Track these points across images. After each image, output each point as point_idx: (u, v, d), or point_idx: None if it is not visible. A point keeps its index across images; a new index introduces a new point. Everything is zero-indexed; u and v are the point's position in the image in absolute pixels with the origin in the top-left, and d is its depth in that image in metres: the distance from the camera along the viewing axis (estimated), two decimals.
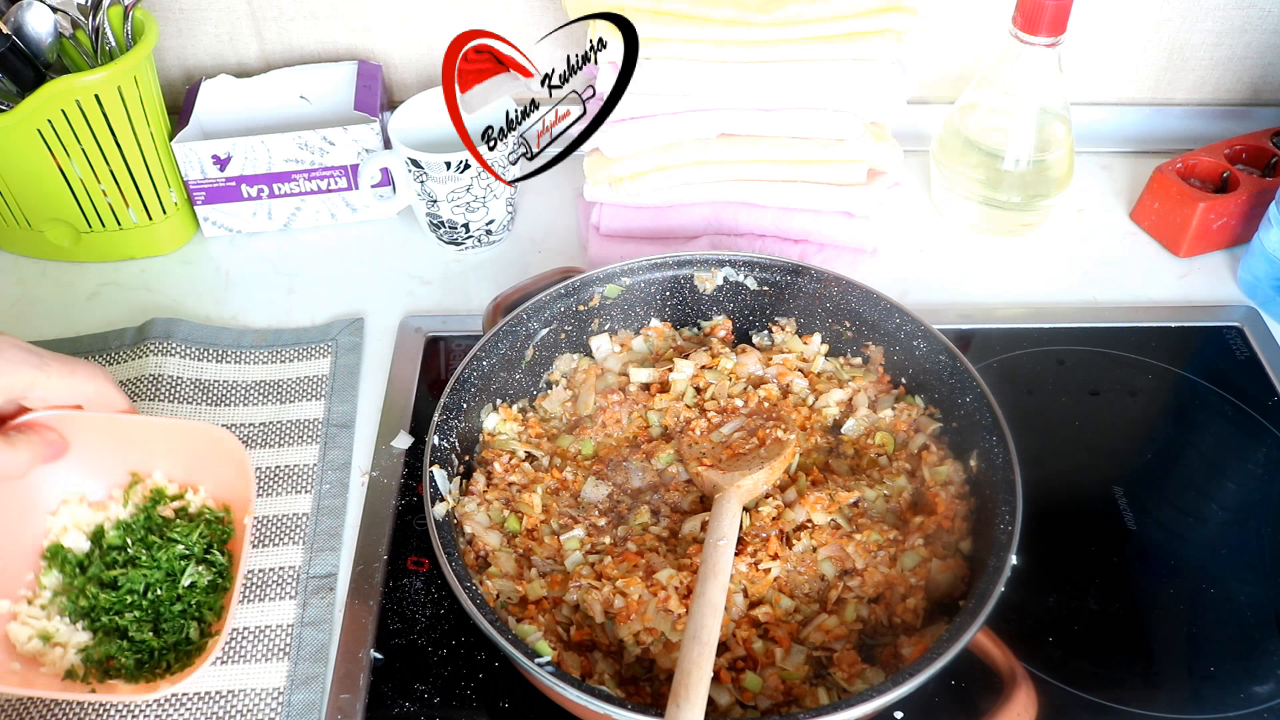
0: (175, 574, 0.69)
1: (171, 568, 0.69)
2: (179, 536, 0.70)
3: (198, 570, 0.69)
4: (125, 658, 0.66)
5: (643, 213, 0.93)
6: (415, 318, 0.91)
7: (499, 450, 0.74)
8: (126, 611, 0.67)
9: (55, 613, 0.68)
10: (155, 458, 0.73)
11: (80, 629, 0.67)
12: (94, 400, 0.67)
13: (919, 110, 1.02)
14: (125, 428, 0.70)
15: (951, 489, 0.70)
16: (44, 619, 0.67)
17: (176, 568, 0.69)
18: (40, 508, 0.71)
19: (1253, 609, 0.71)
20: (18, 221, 0.94)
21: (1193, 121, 1.10)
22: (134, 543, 0.70)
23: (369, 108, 0.96)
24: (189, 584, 0.69)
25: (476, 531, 0.68)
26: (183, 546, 0.70)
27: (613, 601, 0.64)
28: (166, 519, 0.72)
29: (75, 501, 0.72)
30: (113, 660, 0.66)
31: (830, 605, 0.66)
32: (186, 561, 0.69)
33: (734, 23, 0.82)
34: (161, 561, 0.69)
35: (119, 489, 0.73)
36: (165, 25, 1.02)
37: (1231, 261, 0.97)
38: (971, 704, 0.64)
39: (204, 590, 0.69)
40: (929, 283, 0.95)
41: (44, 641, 0.66)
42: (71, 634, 0.67)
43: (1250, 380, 0.86)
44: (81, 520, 0.71)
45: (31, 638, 0.66)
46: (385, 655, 0.68)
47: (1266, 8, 1.03)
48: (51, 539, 0.70)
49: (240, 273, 0.97)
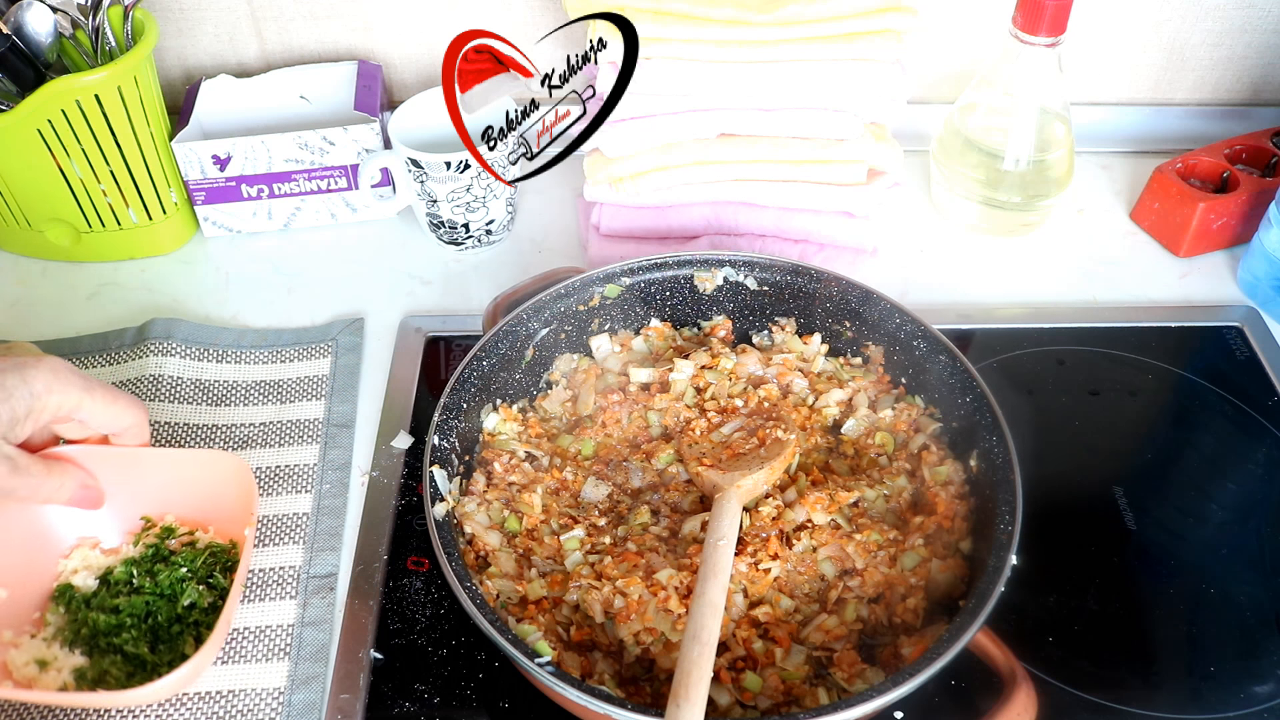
0: (176, 595, 0.68)
1: (173, 590, 0.69)
2: (182, 561, 0.70)
3: (198, 590, 0.69)
4: (117, 670, 0.65)
5: (643, 213, 0.93)
6: (415, 318, 0.91)
7: (499, 450, 0.74)
8: (124, 632, 0.67)
9: (56, 643, 0.67)
10: (170, 496, 0.72)
11: (78, 655, 0.67)
12: (129, 431, 0.68)
13: (919, 110, 1.01)
14: (144, 461, 0.70)
15: (951, 489, 0.70)
16: (43, 648, 0.67)
17: (177, 589, 0.69)
18: (54, 550, 0.71)
19: (1253, 609, 0.71)
20: (18, 221, 0.94)
21: (1193, 121, 1.10)
22: (139, 574, 0.70)
23: (369, 108, 0.96)
24: (189, 604, 0.68)
25: (476, 531, 0.68)
26: (186, 569, 0.69)
27: (613, 601, 0.64)
28: (173, 550, 0.71)
29: (88, 546, 0.72)
30: (106, 675, 0.65)
31: (830, 605, 0.66)
32: (187, 583, 0.69)
33: (734, 23, 0.82)
34: (163, 584, 0.69)
35: (132, 535, 0.73)
36: (165, 25, 1.02)
37: (1231, 261, 0.97)
38: (971, 704, 0.64)
39: (204, 610, 0.69)
40: (929, 283, 0.95)
41: (40, 667, 0.65)
42: (68, 659, 0.66)
43: (1250, 380, 0.86)
44: (93, 563, 0.71)
45: (28, 663, 0.65)
46: (385, 655, 0.68)
47: (1266, 8, 1.03)
48: (62, 580, 0.70)
49: (240, 273, 0.97)
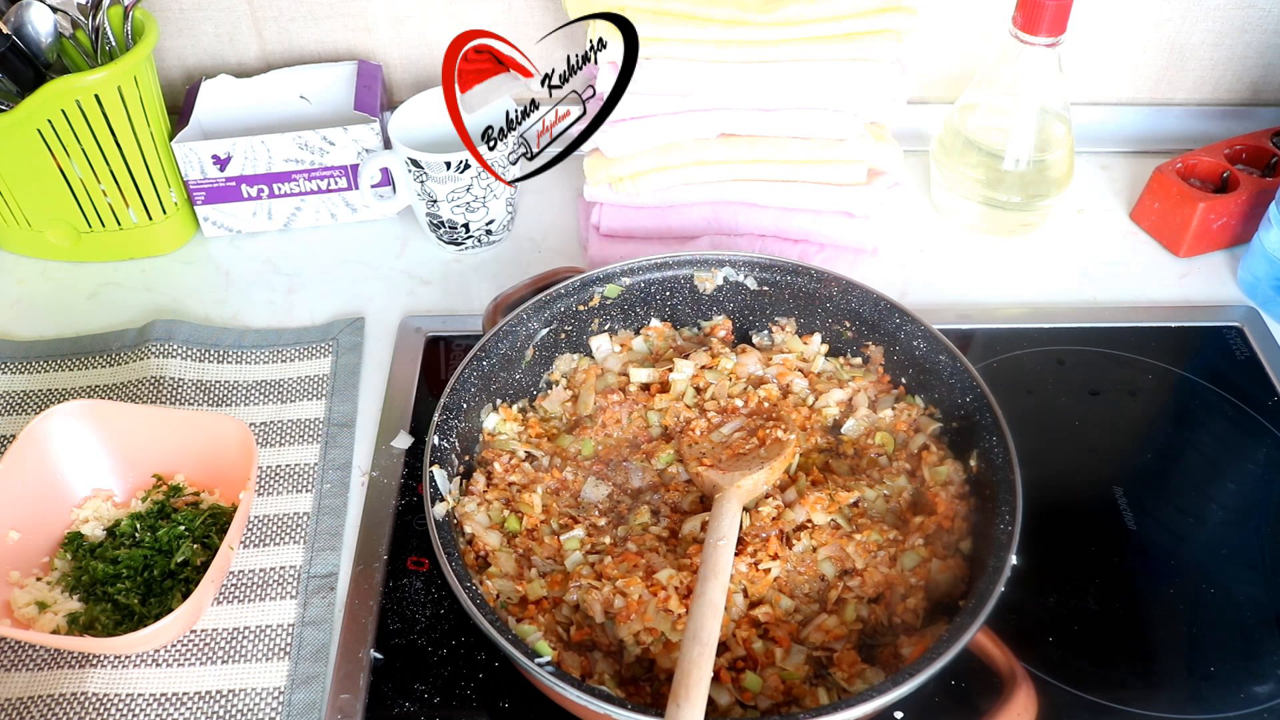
0: (171, 551, 0.71)
1: (170, 546, 0.71)
2: (181, 519, 0.72)
3: (193, 548, 0.71)
4: (106, 618, 0.68)
5: (643, 213, 0.93)
6: (415, 318, 0.91)
7: (499, 450, 0.74)
8: (120, 582, 0.70)
9: (58, 588, 0.70)
10: (183, 456, 0.76)
11: (75, 600, 0.70)
12: None
13: (919, 110, 1.02)
14: (162, 420, 0.75)
15: (951, 489, 0.70)
16: (45, 591, 0.70)
17: (173, 545, 0.71)
18: (69, 499, 0.75)
19: (1253, 609, 0.71)
20: (18, 221, 0.94)
21: (1193, 121, 1.10)
22: (142, 529, 0.73)
23: (369, 108, 0.96)
24: (182, 560, 0.70)
25: (476, 531, 0.68)
26: (184, 527, 0.72)
27: (613, 601, 0.64)
28: (176, 508, 0.74)
29: (101, 499, 0.75)
30: (95, 621, 0.68)
31: (830, 605, 0.66)
32: (183, 540, 0.71)
33: (734, 23, 0.82)
34: (162, 540, 0.71)
35: (143, 490, 0.76)
36: (165, 25, 1.02)
37: (1231, 261, 0.97)
38: (971, 704, 0.64)
39: (195, 569, 0.71)
40: (929, 283, 0.95)
41: (39, 608, 0.69)
42: (66, 604, 0.69)
43: (1250, 380, 0.86)
44: (103, 515, 0.74)
45: (29, 604, 0.69)
46: (385, 655, 0.68)
47: (1266, 8, 1.03)
48: (73, 528, 0.74)
49: (240, 273, 0.97)
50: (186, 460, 0.76)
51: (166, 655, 0.68)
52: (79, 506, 0.74)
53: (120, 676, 0.67)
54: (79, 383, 0.85)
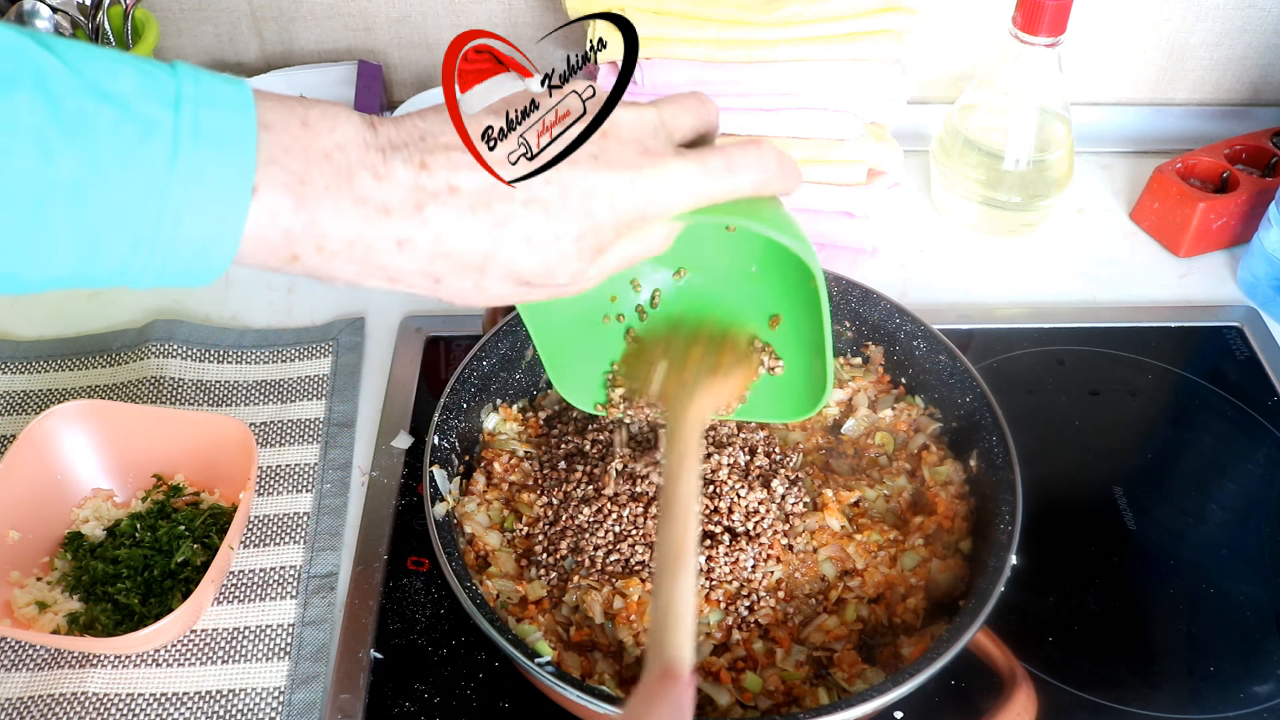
0: (171, 551, 0.71)
1: (170, 546, 0.71)
2: (181, 519, 0.73)
3: (193, 548, 0.71)
4: (106, 618, 0.68)
5: None
6: (415, 318, 0.91)
7: (499, 450, 0.74)
8: (120, 582, 0.70)
9: (59, 588, 0.71)
10: (183, 456, 0.76)
11: (75, 600, 0.70)
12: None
13: (919, 110, 1.01)
14: (162, 420, 0.75)
15: (951, 489, 0.70)
16: (46, 591, 0.70)
17: (173, 545, 0.71)
18: (70, 499, 0.75)
19: (1253, 609, 0.71)
20: None
21: (1193, 121, 1.10)
22: (142, 528, 0.73)
23: (369, 107, 0.96)
24: (182, 560, 0.70)
25: (476, 531, 0.68)
26: (184, 527, 0.72)
27: (612, 602, 0.64)
28: (176, 508, 0.74)
29: (101, 498, 0.75)
30: (95, 621, 0.68)
31: (830, 605, 0.66)
32: (183, 540, 0.71)
33: (734, 22, 0.82)
34: (162, 539, 0.71)
35: (143, 490, 0.76)
36: (165, 25, 1.02)
37: (1231, 261, 0.97)
38: (971, 704, 0.64)
39: (195, 569, 0.71)
40: (929, 283, 0.95)
41: (40, 608, 0.69)
42: (66, 604, 0.70)
43: (1250, 380, 0.86)
44: (104, 514, 0.74)
45: (29, 604, 0.69)
46: (385, 655, 0.68)
47: (1266, 8, 1.03)
48: (73, 528, 0.74)
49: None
50: (186, 460, 0.76)
51: (166, 655, 0.68)
52: (79, 506, 0.74)
53: (120, 676, 0.67)
54: (79, 383, 0.85)
